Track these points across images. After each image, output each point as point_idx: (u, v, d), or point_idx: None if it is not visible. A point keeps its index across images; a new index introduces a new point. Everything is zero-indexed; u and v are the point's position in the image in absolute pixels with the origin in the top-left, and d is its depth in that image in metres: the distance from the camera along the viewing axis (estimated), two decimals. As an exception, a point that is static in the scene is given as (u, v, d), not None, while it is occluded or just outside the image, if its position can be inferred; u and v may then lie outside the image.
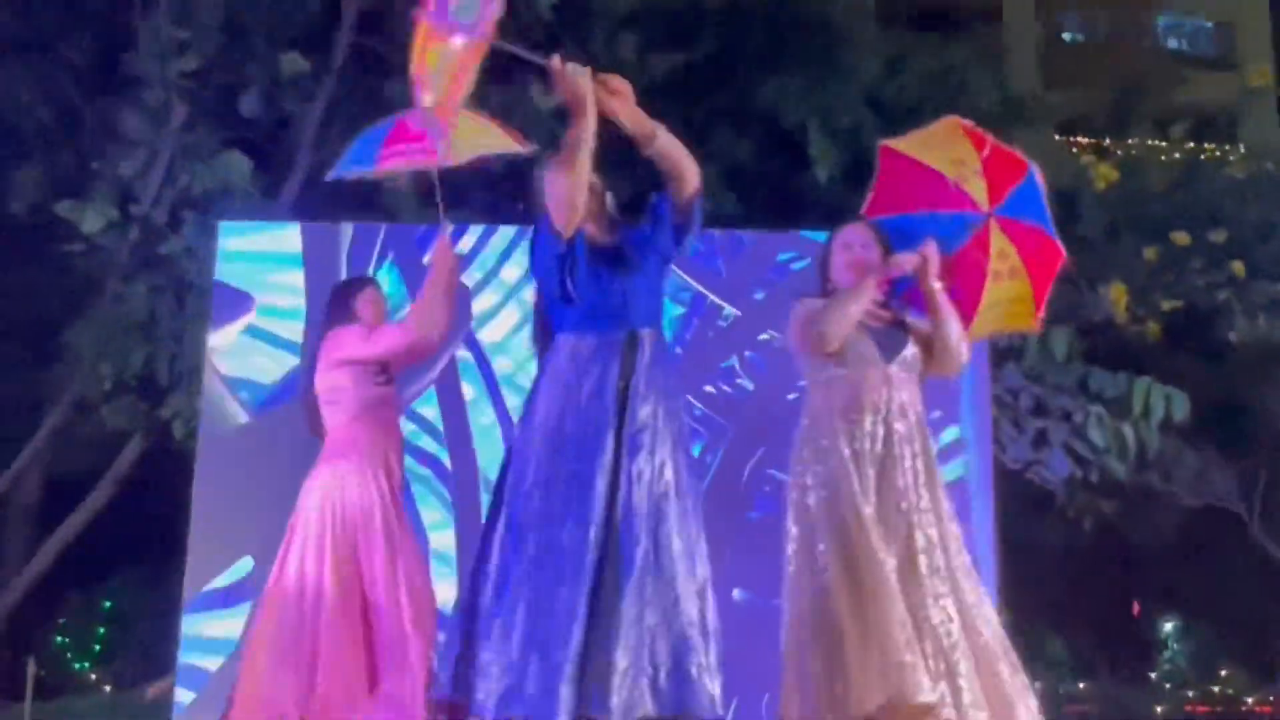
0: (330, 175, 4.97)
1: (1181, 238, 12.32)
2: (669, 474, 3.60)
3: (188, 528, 6.85)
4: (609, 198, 3.96)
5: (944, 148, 4.28)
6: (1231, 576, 10.91)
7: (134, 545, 11.22)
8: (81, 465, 11.01)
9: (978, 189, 4.22)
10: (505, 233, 7.25)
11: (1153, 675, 12.02)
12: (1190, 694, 10.31)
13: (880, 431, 4.00)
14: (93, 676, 13.02)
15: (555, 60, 3.55)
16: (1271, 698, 9.78)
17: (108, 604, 13.61)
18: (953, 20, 22.65)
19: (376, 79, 11.09)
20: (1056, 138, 15.69)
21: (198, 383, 7.88)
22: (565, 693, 3.27)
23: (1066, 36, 25.88)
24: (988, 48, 14.89)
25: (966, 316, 4.26)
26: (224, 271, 7.33)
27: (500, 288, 7.13)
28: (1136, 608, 13.17)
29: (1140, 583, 11.54)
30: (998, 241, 4.24)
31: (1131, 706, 9.95)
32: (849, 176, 12.27)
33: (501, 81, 10.67)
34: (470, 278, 7.08)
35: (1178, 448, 9.72)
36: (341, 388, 4.76)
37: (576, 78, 3.51)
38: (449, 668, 3.56)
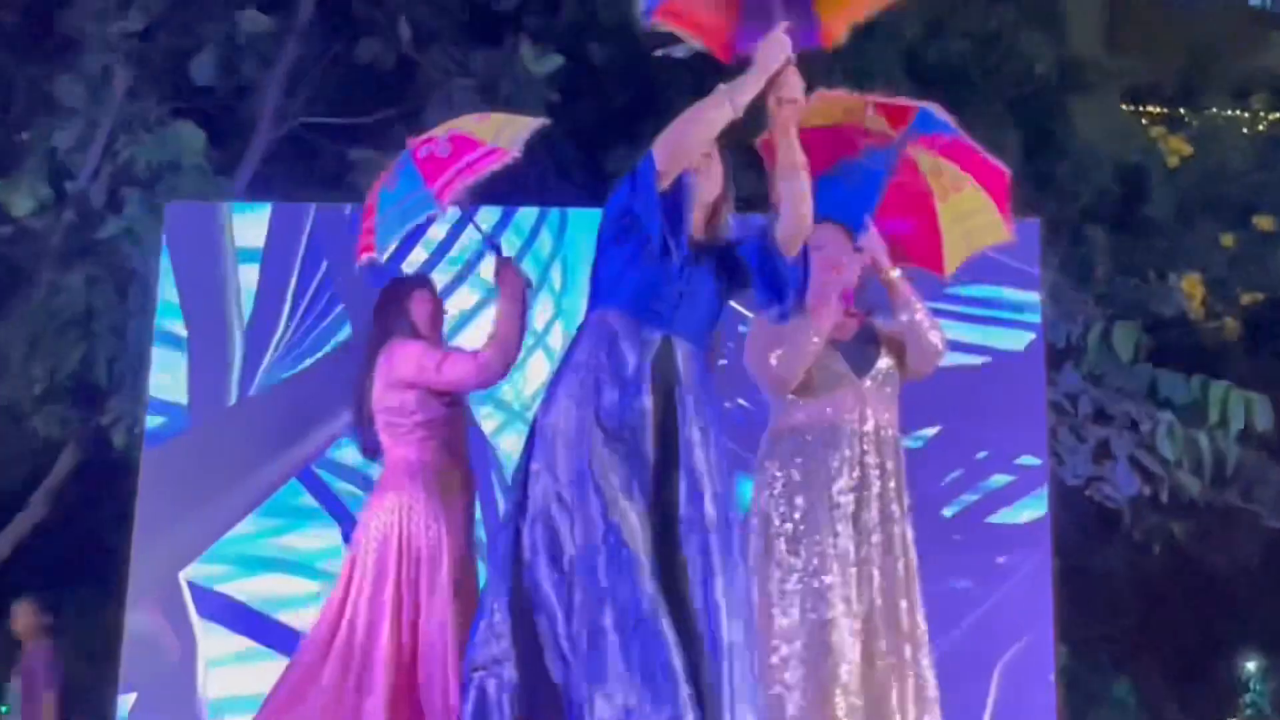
0: (381, 258, 4.68)
1: (1265, 222, 12.32)
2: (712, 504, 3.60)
3: (129, 546, 6.86)
4: (728, 204, 3.90)
5: (827, 110, 4.33)
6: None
7: (70, 565, 11.21)
8: (11, 479, 11.03)
9: (878, 123, 4.33)
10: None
11: (1232, 720, 12.01)
12: (1274, 743, 10.28)
13: (854, 464, 4.19)
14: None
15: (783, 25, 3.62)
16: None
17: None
18: (1004, -26, 22.77)
19: (346, 40, 11.10)
20: (1123, 107, 15.64)
21: (142, 384, 7.88)
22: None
23: (1135, -8, 25.91)
24: (1043, 5, 14.90)
25: (933, 249, 4.44)
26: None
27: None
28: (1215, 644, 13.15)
29: (1218, 615, 11.48)
30: (925, 161, 4.40)
31: (1208, 757, 9.92)
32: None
33: (492, 44, 10.69)
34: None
35: (1260, 461, 9.68)
36: (405, 409, 4.68)
37: (779, 47, 3.59)
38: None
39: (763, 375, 4.33)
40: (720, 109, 3.59)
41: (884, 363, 4.31)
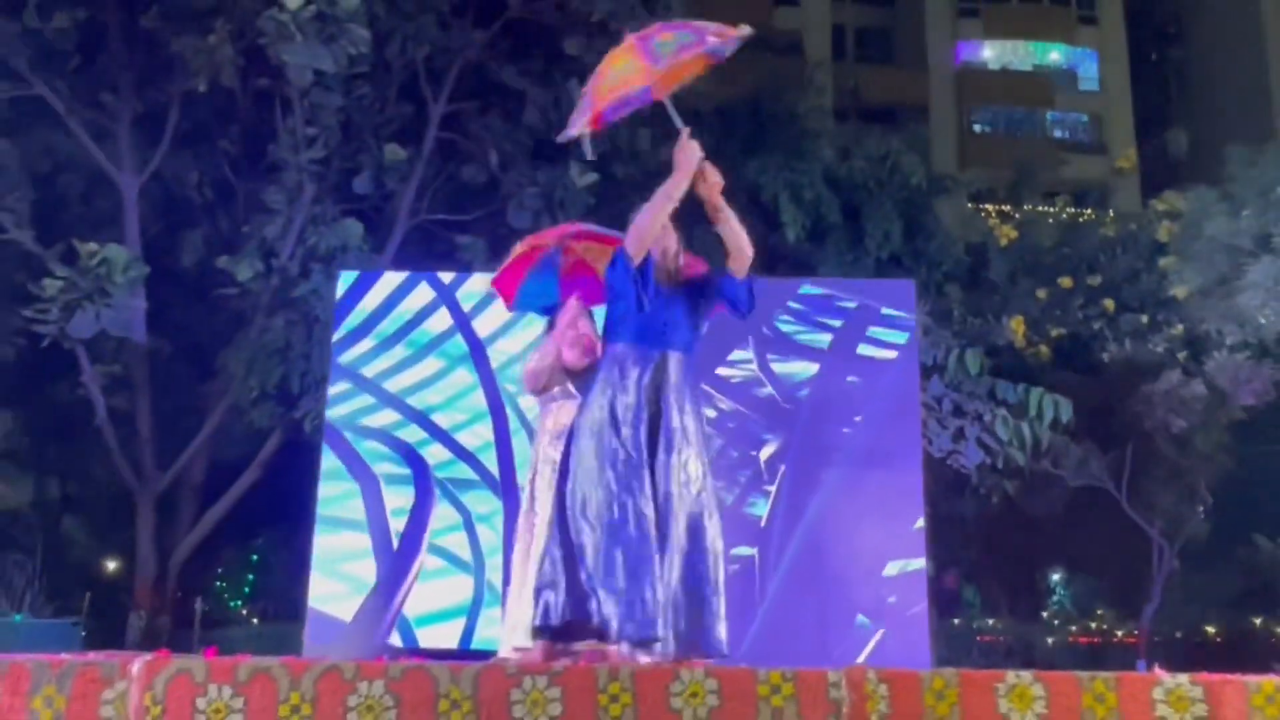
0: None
1: (1066, 282, 12.34)
2: (695, 469, 3.58)
3: (315, 500, 6.88)
4: (679, 250, 3.81)
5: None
6: (1104, 540, 10.85)
7: (274, 513, 11.28)
8: (235, 454, 11.07)
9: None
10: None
11: (1044, 614, 11.98)
12: (1073, 629, 10.23)
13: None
14: (244, 612, 13.08)
15: (685, 131, 3.57)
16: (1135, 631, 9.70)
17: (255, 557, 13.68)
18: (891, 114, 22.78)
19: (455, 164, 11.21)
20: (970, 205, 15.64)
21: (323, 392, 7.90)
22: (659, 619, 3.32)
23: (976, 128, 25.89)
24: (917, 137, 14.93)
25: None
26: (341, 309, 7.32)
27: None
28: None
29: (1035, 545, 11.49)
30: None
31: (1028, 638, 9.89)
32: (811, 236, 12.33)
33: (551, 165, 10.75)
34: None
35: (1064, 442, 9.68)
36: None
37: (693, 152, 3.54)
38: (560, 601, 3.44)
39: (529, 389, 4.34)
40: (664, 205, 3.57)
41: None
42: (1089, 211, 17.33)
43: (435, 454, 6.75)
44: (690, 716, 2.61)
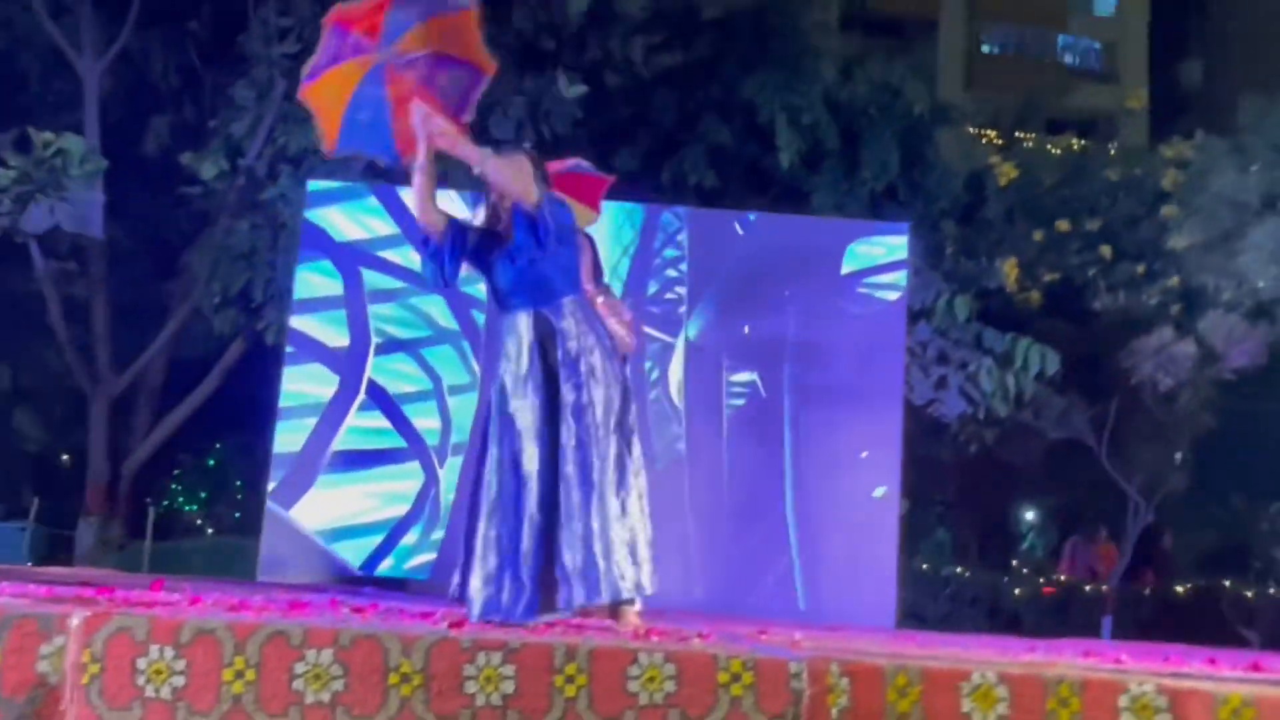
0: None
1: (1064, 225, 12.25)
2: (598, 404, 3.39)
3: (275, 409, 6.88)
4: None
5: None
6: (1079, 493, 11.02)
7: (233, 420, 11.28)
8: (195, 357, 11.01)
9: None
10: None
11: (1013, 563, 12.22)
12: (1041, 580, 10.46)
13: None
14: (198, 521, 13.15)
15: (414, 104, 3.38)
16: (1104, 588, 9.92)
17: (211, 463, 13.70)
18: (900, 27, 22.43)
19: (440, 65, 10.94)
20: (971, 131, 15.45)
21: (286, 300, 7.84)
22: (531, 597, 3.26)
23: (985, 48, 25.56)
24: (923, 61, 14.71)
25: None
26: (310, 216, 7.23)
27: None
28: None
29: (1011, 494, 11.65)
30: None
31: (995, 587, 10.10)
32: (806, 162, 12.16)
33: (537, 73, 10.51)
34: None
35: (1047, 394, 9.71)
36: None
37: (420, 119, 3.37)
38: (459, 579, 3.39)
39: None
40: (416, 180, 3.39)
41: None
42: (1093, 143, 17.16)
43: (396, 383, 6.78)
44: (646, 700, 2.62)
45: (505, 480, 3.35)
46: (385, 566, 6.61)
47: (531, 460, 3.35)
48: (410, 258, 6.60)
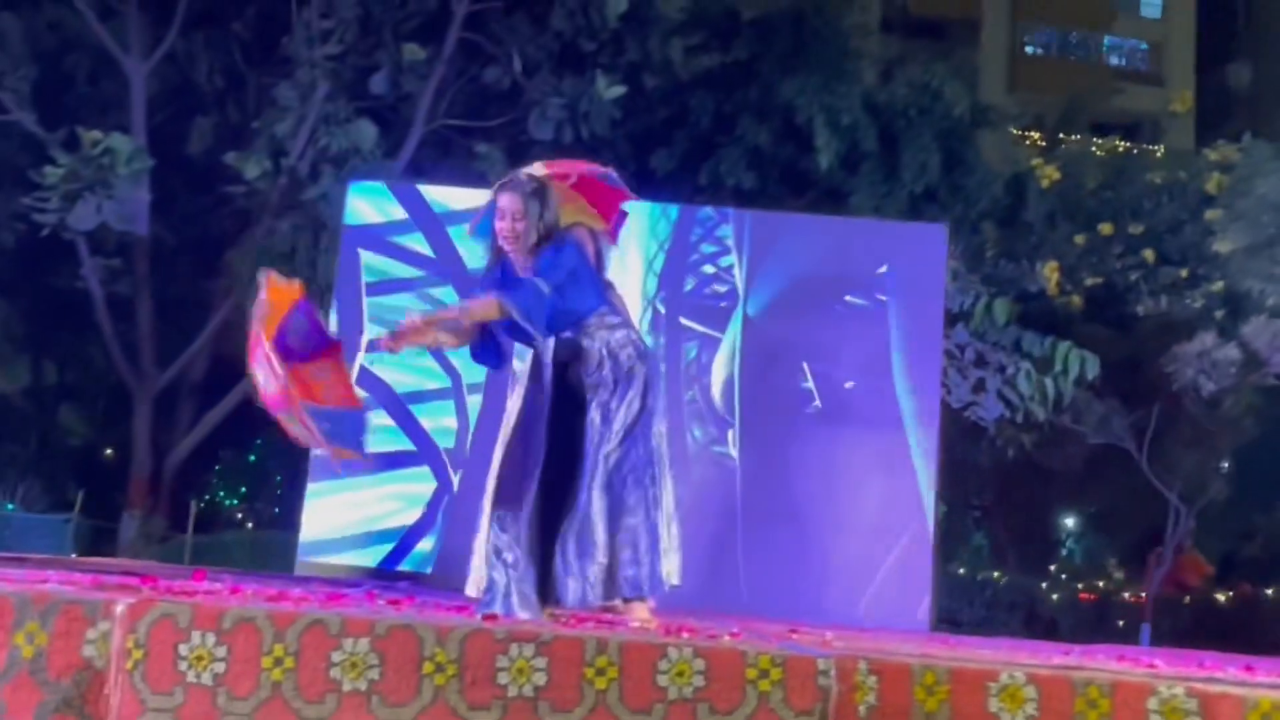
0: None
1: (1106, 228, 12.13)
2: (611, 407, 3.45)
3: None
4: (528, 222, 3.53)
5: None
6: (1119, 499, 10.89)
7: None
8: (237, 355, 11.12)
9: None
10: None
11: (1051, 568, 12.10)
12: (1079, 585, 10.35)
13: None
14: (238, 515, 13.31)
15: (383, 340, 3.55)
16: (1142, 593, 9.80)
17: (252, 458, 13.87)
18: (940, 29, 22.29)
19: (478, 66, 11.01)
20: (1014, 132, 15.31)
21: (328, 299, 7.90)
22: (538, 596, 3.33)
23: (1029, 49, 25.31)
24: (965, 63, 14.59)
25: None
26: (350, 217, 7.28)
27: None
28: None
29: (1049, 499, 11.52)
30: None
31: (1032, 592, 10.01)
32: (845, 165, 12.13)
33: (577, 74, 10.58)
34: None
35: (1087, 398, 9.62)
36: None
37: (399, 342, 3.52)
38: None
39: None
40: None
41: None
42: (1139, 147, 16.97)
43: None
44: (676, 694, 2.65)
45: (515, 479, 3.41)
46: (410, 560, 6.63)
47: (540, 459, 3.40)
48: (427, 244, 6.71)
